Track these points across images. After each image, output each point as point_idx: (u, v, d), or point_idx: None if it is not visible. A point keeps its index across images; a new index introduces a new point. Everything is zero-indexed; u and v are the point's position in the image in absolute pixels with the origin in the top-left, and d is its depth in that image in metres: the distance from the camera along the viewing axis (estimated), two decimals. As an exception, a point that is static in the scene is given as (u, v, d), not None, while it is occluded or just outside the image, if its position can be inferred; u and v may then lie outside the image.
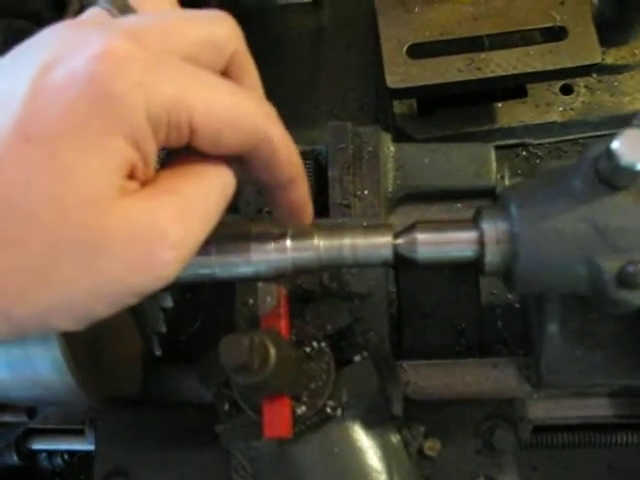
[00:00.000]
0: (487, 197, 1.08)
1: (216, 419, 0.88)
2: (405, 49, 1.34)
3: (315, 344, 0.85)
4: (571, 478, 1.20)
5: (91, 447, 1.19)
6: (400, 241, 0.77)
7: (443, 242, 0.77)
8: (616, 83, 1.49)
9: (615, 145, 0.66)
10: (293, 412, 0.81)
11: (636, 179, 0.69)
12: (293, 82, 1.64)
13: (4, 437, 1.11)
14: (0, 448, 1.16)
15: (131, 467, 1.03)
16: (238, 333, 0.69)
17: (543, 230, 0.72)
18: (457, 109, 1.49)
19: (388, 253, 0.77)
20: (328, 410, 0.83)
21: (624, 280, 0.68)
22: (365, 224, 0.78)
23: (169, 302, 0.84)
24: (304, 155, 1.13)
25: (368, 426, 0.86)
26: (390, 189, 1.08)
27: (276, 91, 1.64)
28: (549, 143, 1.54)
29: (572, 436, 1.12)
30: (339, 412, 0.83)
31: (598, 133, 1.53)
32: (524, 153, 1.57)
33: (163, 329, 0.87)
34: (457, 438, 0.98)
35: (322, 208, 1.05)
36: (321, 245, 0.77)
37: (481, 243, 0.75)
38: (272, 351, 0.70)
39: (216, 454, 0.99)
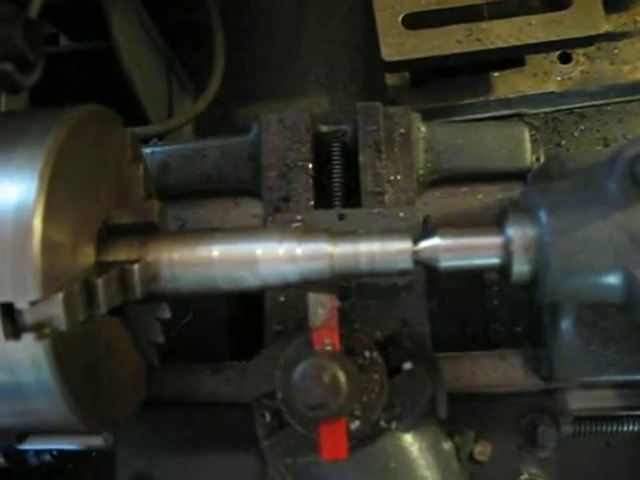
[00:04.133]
0: (522, 179, 1.02)
1: (246, 421, 0.84)
2: (400, 19, 1.26)
3: (367, 354, 0.79)
4: (569, 451, 1.19)
5: (81, 447, 1.14)
6: (420, 248, 0.71)
7: (466, 248, 0.72)
8: (616, 51, 1.44)
9: (656, 147, 0.61)
10: (347, 428, 0.75)
11: (676, 183, 0.65)
12: (278, 52, 1.56)
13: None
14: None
15: (157, 472, 0.98)
16: (311, 366, 0.64)
17: (576, 239, 0.67)
18: (451, 79, 1.42)
19: (408, 261, 0.71)
20: (382, 423, 0.78)
21: (663, 291, 0.64)
22: (381, 230, 0.72)
23: (167, 313, 0.78)
24: (329, 135, 1.05)
25: (421, 436, 0.82)
26: (422, 172, 1.02)
27: (262, 62, 1.59)
28: (545, 113, 1.50)
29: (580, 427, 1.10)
30: (393, 425, 0.79)
31: (596, 103, 1.48)
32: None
33: (161, 340, 0.81)
34: (498, 435, 0.94)
35: (352, 196, 1.00)
36: (335, 253, 0.71)
37: (507, 250, 0.70)
38: (343, 381, 0.66)
39: (249, 457, 0.95)
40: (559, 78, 1.44)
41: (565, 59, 1.44)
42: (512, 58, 1.41)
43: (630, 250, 0.66)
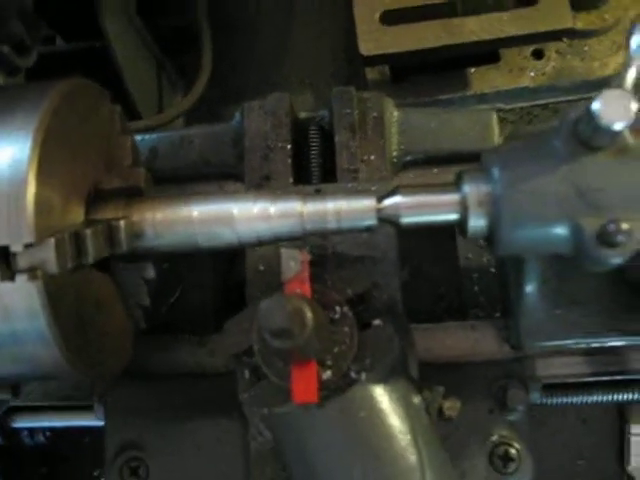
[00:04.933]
0: None
1: (229, 389, 0.89)
2: (378, 15, 1.33)
3: (338, 309, 0.84)
4: (548, 433, 1.24)
5: (73, 423, 1.18)
6: (383, 205, 0.77)
7: (426, 205, 0.78)
8: (586, 48, 1.50)
9: (595, 106, 0.67)
10: (319, 377, 0.81)
11: (615, 139, 0.71)
12: (264, 50, 1.63)
13: (-13, 416, 1.10)
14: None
15: (145, 440, 1.03)
16: (276, 297, 0.69)
17: (525, 191, 0.73)
18: (430, 76, 1.49)
19: (372, 218, 0.77)
20: (352, 374, 0.83)
21: (605, 238, 0.70)
22: (347, 188, 0.77)
23: (151, 273, 0.84)
24: (308, 121, 1.14)
25: (391, 389, 0.87)
26: (395, 154, 1.09)
27: (247, 60, 1.65)
28: (520, 108, 1.56)
29: (550, 393, 1.15)
30: (363, 376, 0.83)
31: (569, 98, 1.55)
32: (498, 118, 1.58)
33: (147, 302, 0.86)
34: (469, 398, 0.98)
35: (329, 174, 1.06)
36: (304, 211, 0.77)
37: (464, 206, 0.76)
38: (309, 315, 0.70)
39: (233, 422, 1.00)
40: (532, 74, 1.50)
41: (538, 55, 1.51)
42: (488, 54, 1.48)
43: (575, 201, 0.72)
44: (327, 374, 0.82)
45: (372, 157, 1.06)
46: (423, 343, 1.04)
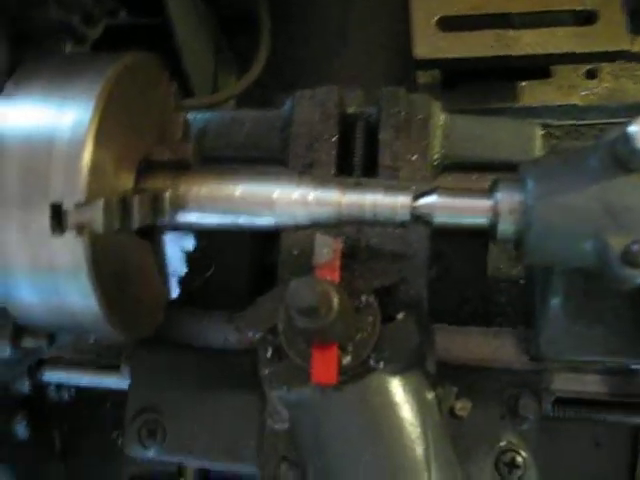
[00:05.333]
0: None
1: (251, 366, 0.92)
2: (435, 21, 1.36)
3: (364, 298, 0.87)
4: (558, 450, 1.24)
5: (99, 383, 1.23)
6: (419, 204, 0.80)
7: (459, 207, 0.80)
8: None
9: (632, 128, 0.69)
10: (339, 361, 0.83)
11: (651, 162, 0.72)
12: (320, 43, 1.66)
13: (22, 362, 1.15)
14: (15, 375, 1.21)
15: (165, 404, 1.06)
16: (306, 278, 0.72)
17: (556, 204, 0.75)
18: (481, 84, 1.50)
19: (406, 213, 0.80)
20: (371, 362, 0.86)
21: (629, 258, 0.72)
22: (386, 183, 0.80)
23: (190, 245, 0.88)
24: (355, 116, 1.16)
25: (406, 381, 0.89)
26: (436, 157, 1.11)
27: (302, 51, 1.69)
28: (568, 125, 1.57)
29: (563, 408, 1.16)
30: (381, 365, 0.86)
31: (618, 119, 1.55)
32: (542, 132, 1.59)
33: (183, 271, 0.90)
34: (482, 402, 1.00)
35: (371, 169, 1.08)
36: (343, 201, 0.80)
37: (495, 212, 0.78)
38: (336, 299, 0.73)
39: (252, 397, 1.02)
40: (583, 93, 1.51)
41: (591, 75, 1.51)
42: (540, 69, 1.49)
43: (604, 218, 0.74)
44: (347, 359, 0.85)
45: (414, 157, 1.09)
46: (443, 343, 1.06)
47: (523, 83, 1.51)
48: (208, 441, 1.04)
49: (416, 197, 0.80)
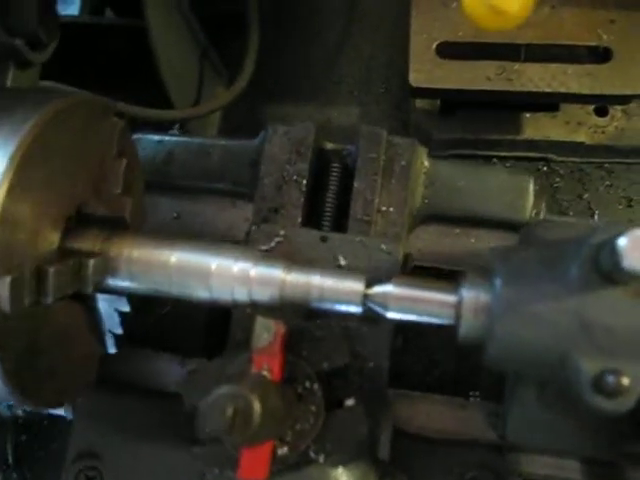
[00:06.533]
0: (517, 231, 0.98)
1: None
2: (435, 46, 1.25)
3: (307, 384, 0.79)
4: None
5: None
6: (372, 292, 0.71)
7: (417, 300, 0.71)
8: (655, 112, 1.40)
9: (621, 243, 0.60)
10: (274, 452, 0.77)
11: (637, 279, 0.63)
12: (319, 54, 1.56)
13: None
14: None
15: (105, 450, 0.99)
16: (220, 394, 0.64)
17: (524, 314, 0.66)
18: (482, 113, 1.40)
19: (357, 302, 0.71)
20: (311, 454, 0.79)
21: (601, 387, 0.63)
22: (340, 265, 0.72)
23: (126, 307, 0.80)
24: (332, 154, 1.05)
25: (350, 473, 0.82)
26: (417, 206, 1.01)
27: (300, 61, 1.58)
28: (572, 162, 1.46)
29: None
30: (322, 458, 0.78)
31: (627, 160, 1.44)
32: (545, 169, 1.49)
33: (119, 331, 0.83)
34: None
35: (342, 219, 0.99)
36: (287, 281, 0.71)
37: (457, 311, 0.69)
38: (257, 411, 0.65)
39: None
40: (592, 130, 1.40)
41: (601, 112, 1.41)
42: (546, 103, 1.38)
43: (578, 336, 0.65)
44: (283, 450, 0.77)
45: (391, 209, 0.99)
46: (406, 411, 0.98)
47: (527, 115, 1.40)
48: (145, 499, 0.97)
49: (369, 284, 0.72)
